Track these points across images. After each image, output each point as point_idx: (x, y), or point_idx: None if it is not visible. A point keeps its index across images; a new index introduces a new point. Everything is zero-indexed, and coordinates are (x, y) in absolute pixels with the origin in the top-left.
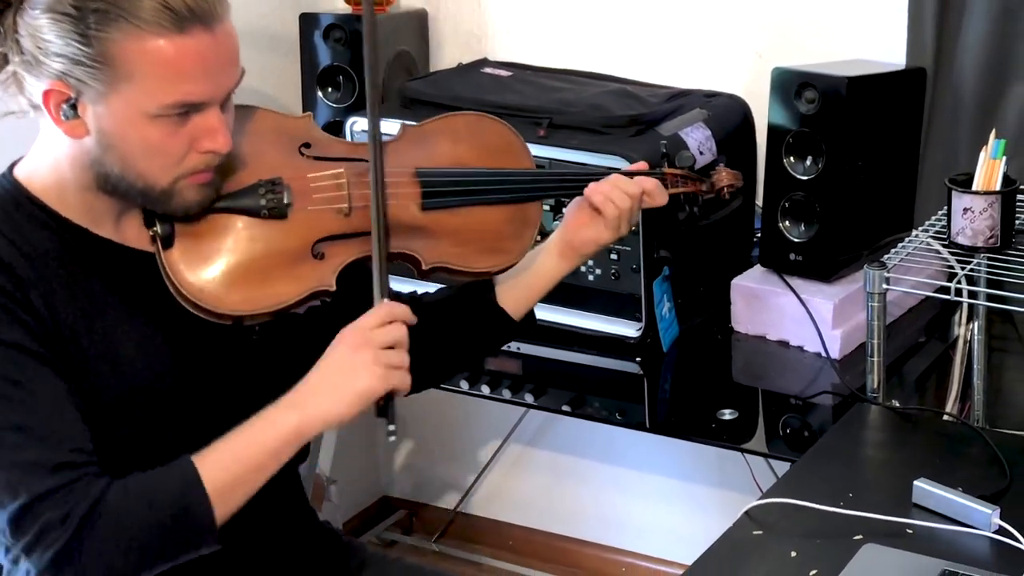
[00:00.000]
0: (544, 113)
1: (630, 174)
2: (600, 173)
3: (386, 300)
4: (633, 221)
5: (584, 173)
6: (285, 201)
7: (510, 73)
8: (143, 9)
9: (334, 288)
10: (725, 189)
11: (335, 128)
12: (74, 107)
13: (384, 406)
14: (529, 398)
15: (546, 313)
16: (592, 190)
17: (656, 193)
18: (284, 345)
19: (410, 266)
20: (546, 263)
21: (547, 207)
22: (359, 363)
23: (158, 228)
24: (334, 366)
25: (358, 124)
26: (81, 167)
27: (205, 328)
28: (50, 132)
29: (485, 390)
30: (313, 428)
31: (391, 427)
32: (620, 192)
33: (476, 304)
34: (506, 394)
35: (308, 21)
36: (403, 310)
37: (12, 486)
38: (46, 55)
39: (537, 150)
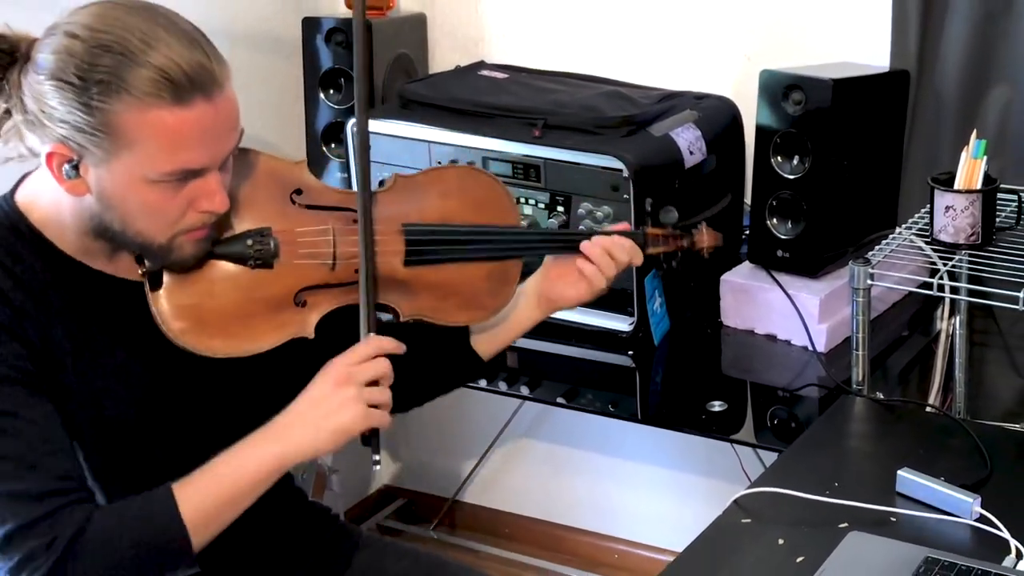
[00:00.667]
0: (539, 114)
1: (610, 234)
2: (583, 235)
3: (372, 335)
4: (611, 283)
5: (565, 234)
6: (272, 251)
7: (506, 75)
8: (144, 81)
9: (312, 336)
10: (705, 250)
11: (336, 129)
12: (76, 168)
13: (368, 438)
14: (525, 390)
15: None
16: (589, 247)
17: (637, 259)
18: (262, 377)
19: (389, 315)
20: (522, 312)
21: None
22: (341, 400)
23: (148, 266)
24: (317, 400)
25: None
26: (80, 218)
27: (186, 359)
28: (51, 182)
29: (482, 383)
30: (292, 461)
31: (376, 457)
32: (611, 262)
33: (449, 344)
34: (502, 386)
35: (310, 25)
36: (390, 343)
37: (0, 514)
38: (50, 119)
39: (532, 150)
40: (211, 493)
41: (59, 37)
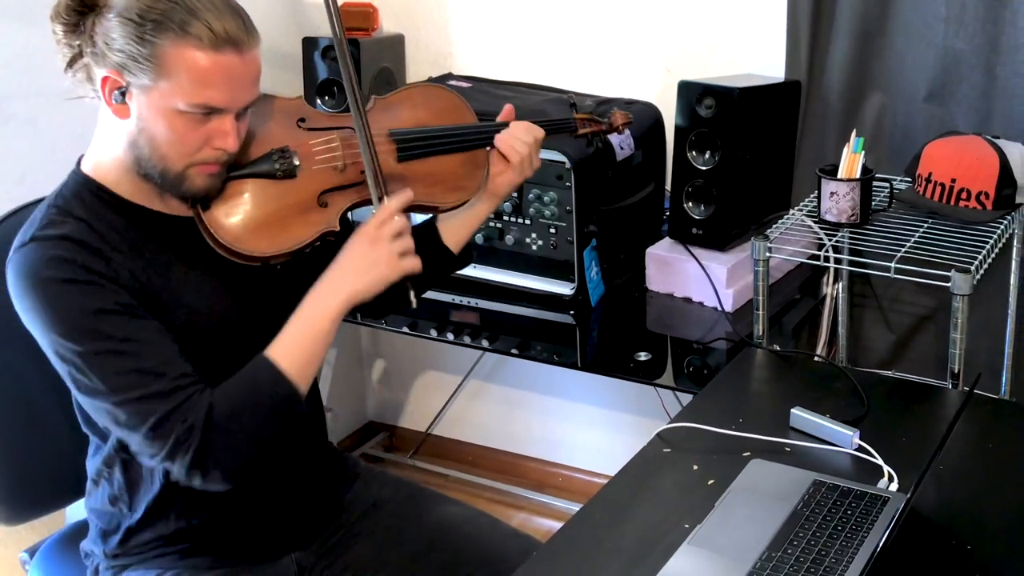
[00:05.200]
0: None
1: (539, 123)
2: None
3: (384, 201)
4: (535, 165)
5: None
6: (293, 163)
7: (470, 84)
8: (191, 26)
9: (338, 228)
10: (621, 126)
11: None
12: (123, 94)
13: (407, 284)
14: (485, 343)
15: (498, 275)
16: (499, 142)
17: (537, 132)
18: (301, 277)
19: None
20: (475, 206)
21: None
22: (377, 256)
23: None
24: (357, 257)
25: None
26: (126, 154)
27: (242, 272)
28: (106, 123)
29: (450, 336)
30: (350, 304)
31: (412, 295)
32: (520, 142)
33: (425, 243)
34: (467, 339)
35: (309, 43)
36: (397, 200)
37: (140, 414)
38: (110, 49)
39: None
40: (298, 343)
41: None
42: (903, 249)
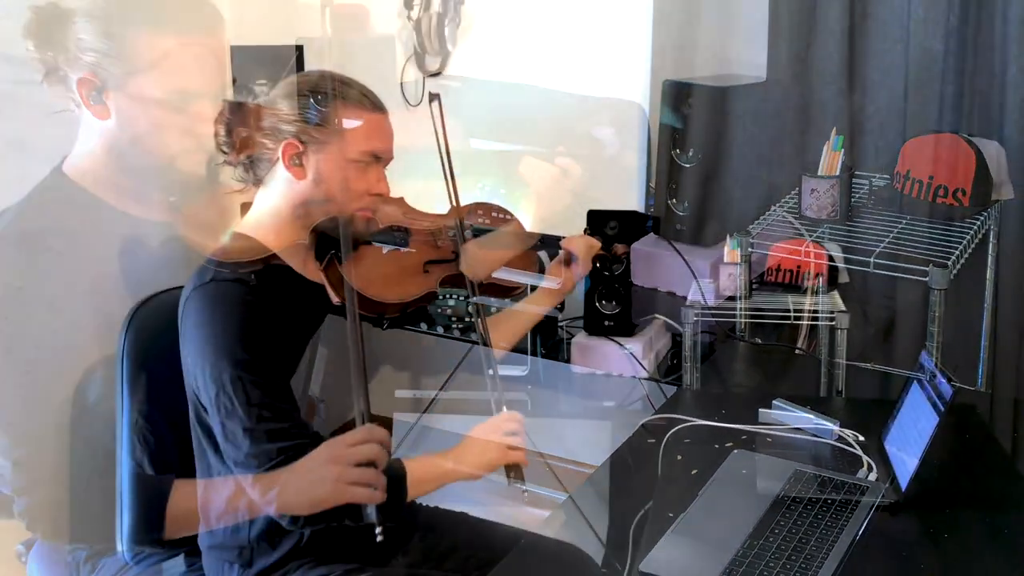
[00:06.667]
0: None
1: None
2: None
3: (368, 424)
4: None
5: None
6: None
7: (460, 84)
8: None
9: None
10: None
11: None
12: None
13: (357, 511)
14: (474, 336)
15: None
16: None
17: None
18: None
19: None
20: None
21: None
22: (324, 476)
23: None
24: (308, 471)
25: None
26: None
27: None
28: (88, 128)
29: (440, 330)
30: (279, 510)
31: (377, 531)
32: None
33: None
34: (457, 333)
35: (302, 45)
36: (381, 433)
37: None
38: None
39: (480, 143)
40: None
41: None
42: (882, 244)
